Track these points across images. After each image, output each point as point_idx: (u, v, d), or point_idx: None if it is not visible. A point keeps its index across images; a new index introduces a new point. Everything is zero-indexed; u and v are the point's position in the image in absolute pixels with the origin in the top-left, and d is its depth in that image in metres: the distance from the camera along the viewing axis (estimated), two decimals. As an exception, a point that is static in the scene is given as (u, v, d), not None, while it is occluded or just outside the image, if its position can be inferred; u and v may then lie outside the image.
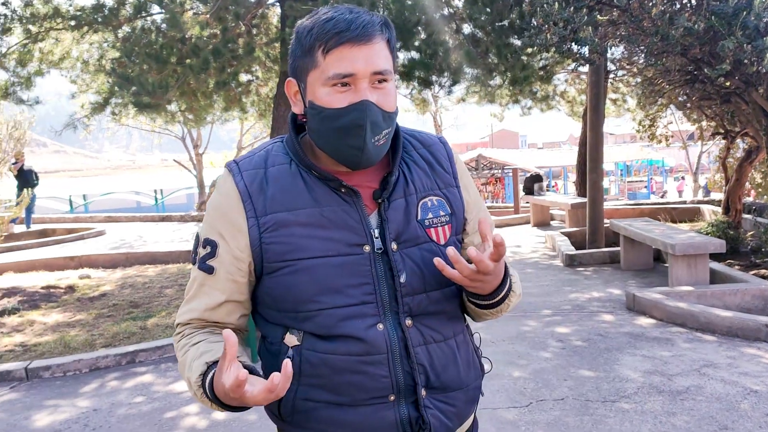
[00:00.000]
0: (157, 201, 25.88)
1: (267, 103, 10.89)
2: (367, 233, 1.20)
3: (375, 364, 1.19)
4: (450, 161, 1.33)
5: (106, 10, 8.17)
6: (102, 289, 7.85)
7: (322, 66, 1.15)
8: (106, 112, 10.17)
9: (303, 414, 1.23)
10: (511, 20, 6.87)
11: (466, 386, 1.30)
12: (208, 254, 1.23)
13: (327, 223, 1.19)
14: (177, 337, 1.28)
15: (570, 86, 14.09)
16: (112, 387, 4.56)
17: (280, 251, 1.19)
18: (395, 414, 1.21)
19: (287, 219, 1.19)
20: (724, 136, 9.38)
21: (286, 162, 1.24)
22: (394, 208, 1.23)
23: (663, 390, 3.99)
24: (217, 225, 1.23)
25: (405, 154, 1.29)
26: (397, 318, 1.21)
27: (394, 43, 1.22)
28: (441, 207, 1.28)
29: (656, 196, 30.64)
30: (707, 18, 5.08)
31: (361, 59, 1.13)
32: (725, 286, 5.80)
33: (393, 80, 1.21)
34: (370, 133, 1.15)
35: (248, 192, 1.21)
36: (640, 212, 11.99)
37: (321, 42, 1.14)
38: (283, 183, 1.21)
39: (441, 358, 1.25)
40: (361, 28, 1.13)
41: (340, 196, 1.21)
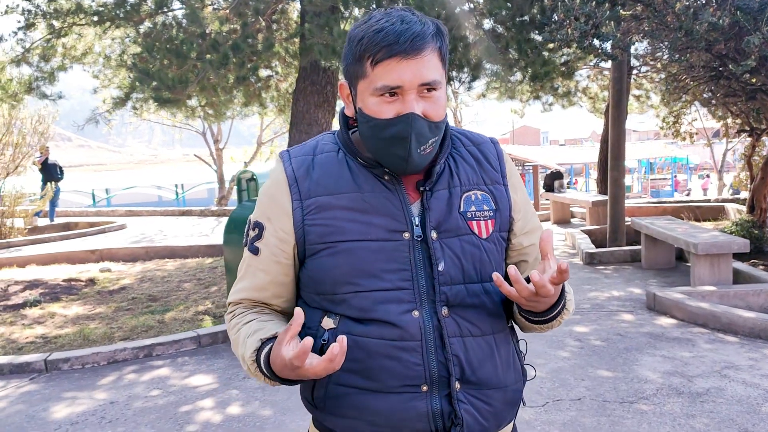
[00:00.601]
0: (177, 195, 26.11)
1: (286, 98, 10.90)
2: (408, 220, 1.22)
3: (408, 350, 1.18)
4: (499, 160, 1.34)
5: (127, 6, 8.22)
6: (121, 282, 7.93)
7: (370, 76, 1.17)
8: (127, 106, 10.23)
9: (335, 400, 1.23)
10: (532, 15, 6.79)
11: (505, 386, 1.27)
12: (256, 236, 1.29)
13: (368, 208, 1.22)
14: (229, 316, 1.33)
15: (592, 82, 13.91)
16: (129, 380, 4.60)
17: (322, 233, 1.22)
18: (427, 405, 1.20)
19: (330, 202, 1.22)
20: (750, 133, 9.20)
21: (334, 150, 1.28)
22: (437, 198, 1.24)
23: (682, 391, 3.92)
24: (265, 209, 1.29)
25: (453, 150, 1.31)
26: (434, 306, 1.20)
27: (445, 50, 1.22)
28: (485, 201, 1.28)
29: (680, 194, 30.21)
30: (732, 13, 4.97)
31: (409, 72, 1.15)
32: (749, 287, 5.69)
33: (443, 88, 1.22)
34: (415, 143, 1.18)
35: (295, 177, 1.26)
36: (663, 210, 11.81)
37: (370, 54, 1.16)
38: (328, 168, 1.25)
39: (477, 352, 1.23)
40: (410, 42, 1.14)
41: (383, 183, 1.24)
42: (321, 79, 7.91)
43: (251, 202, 5.53)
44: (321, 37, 6.68)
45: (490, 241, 1.28)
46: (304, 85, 7.99)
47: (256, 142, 23.78)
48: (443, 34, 1.22)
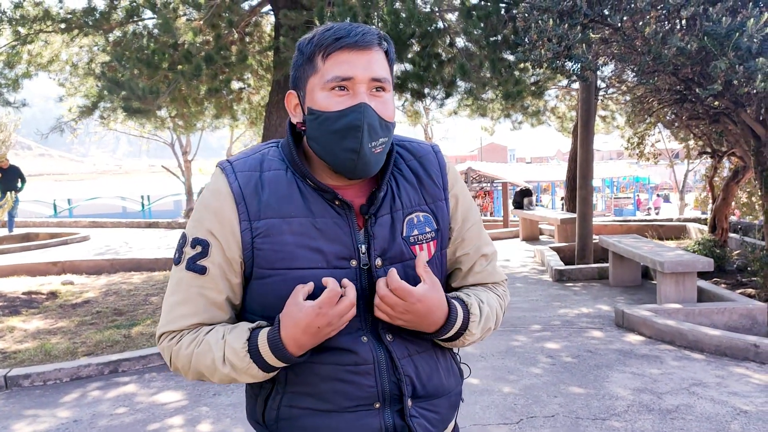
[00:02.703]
0: (143, 207, 25.66)
1: (258, 111, 10.84)
2: (356, 248, 1.21)
3: (362, 374, 1.20)
4: (441, 171, 1.32)
5: (97, 14, 8.11)
6: (85, 295, 7.73)
7: (321, 71, 1.16)
8: (94, 116, 10.08)
9: (287, 421, 1.23)
10: (505, 35, 6.90)
11: (449, 392, 1.33)
12: (199, 254, 1.20)
13: (318, 235, 1.19)
14: (171, 341, 1.22)
15: (560, 102, 14.18)
16: (94, 397, 4.46)
17: (272, 259, 1.18)
18: (380, 421, 1.22)
19: (280, 226, 1.18)
20: (712, 155, 9.46)
21: (282, 168, 1.22)
22: (380, 225, 1.23)
23: (653, 408, 3.98)
24: (207, 224, 1.20)
25: (395, 168, 1.28)
26: (378, 333, 1.22)
27: (392, 57, 1.24)
28: (427, 223, 1.28)
29: (641, 212, 30.88)
30: (700, 38, 5.11)
31: (360, 64, 1.15)
32: (713, 305, 5.82)
33: (391, 92, 1.22)
34: (367, 137, 1.15)
35: (242, 194, 1.19)
36: (628, 229, 12.05)
37: (321, 48, 1.16)
38: (277, 189, 1.20)
39: (425, 367, 1.27)
40: (361, 35, 1.16)
41: (334, 209, 1.21)
42: (294, 92, 7.89)
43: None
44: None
45: (432, 262, 1.28)
46: (277, 99, 7.95)
47: (225, 154, 23.56)
48: (389, 41, 1.24)
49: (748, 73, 4.94)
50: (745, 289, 6.82)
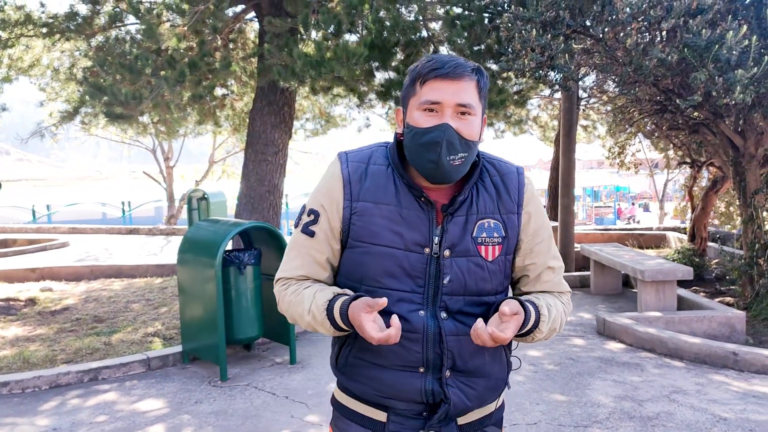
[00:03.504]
0: (124, 213, 25.40)
1: (242, 117, 10.79)
2: (431, 239, 1.46)
3: (412, 340, 1.45)
4: (519, 190, 1.55)
5: (79, 19, 8.02)
6: (64, 302, 7.63)
7: (418, 94, 1.44)
8: (75, 121, 9.97)
9: (352, 368, 1.53)
10: (489, 45, 6.94)
11: (489, 376, 1.53)
12: (312, 221, 1.52)
13: (402, 222, 1.46)
14: (282, 287, 1.56)
15: (543, 111, 14.30)
16: (74, 405, 4.40)
17: (362, 233, 1.47)
18: (422, 383, 1.47)
19: (372, 209, 1.47)
20: (691, 165, 9.60)
21: (385, 165, 1.51)
22: (455, 223, 1.48)
23: (634, 416, 4.01)
24: (321, 199, 1.52)
25: (479, 179, 1.53)
26: (435, 311, 1.47)
27: (483, 86, 1.47)
28: (496, 229, 1.51)
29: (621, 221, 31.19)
30: (680, 50, 5.19)
31: (449, 92, 1.41)
32: (692, 313, 5.89)
33: (478, 116, 1.46)
34: (446, 151, 1.40)
35: (350, 179, 1.50)
36: (609, 237, 12.16)
37: (420, 76, 1.44)
38: (377, 180, 1.49)
39: (469, 348, 1.48)
40: (453, 68, 1.41)
41: (419, 204, 1.47)
42: (278, 99, 7.87)
43: (206, 222, 5.43)
44: (280, 57, 6.66)
45: (495, 263, 1.51)
46: (261, 105, 7.93)
47: (208, 160, 23.42)
48: (482, 74, 1.47)
49: (727, 84, 5.03)
50: (724, 297, 6.92)
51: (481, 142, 1.52)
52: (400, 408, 1.51)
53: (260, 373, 5.02)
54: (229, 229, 4.94)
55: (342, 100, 10.89)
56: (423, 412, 1.50)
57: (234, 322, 5.10)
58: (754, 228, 6.26)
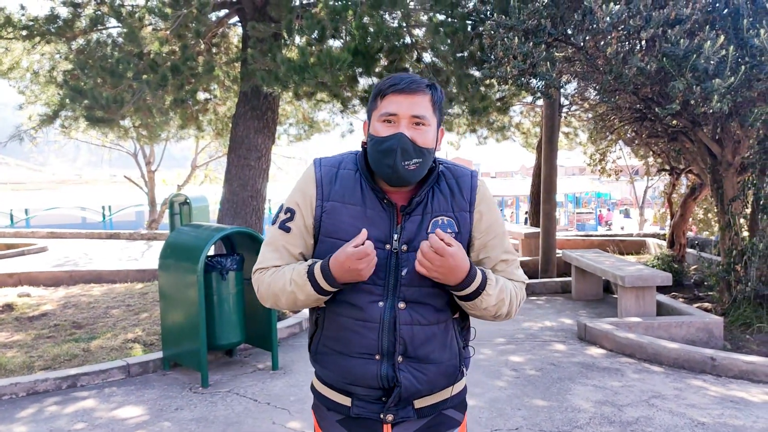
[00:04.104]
0: (104, 218, 25.13)
1: (224, 122, 10.74)
2: (391, 236, 1.63)
3: (369, 329, 1.61)
4: (471, 191, 1.71)
5: (60, 21, 7.94)
6: (42, 308, 7.53)
7: (379, 107, 1.63)
8: (55, 124, 9.85)
9: (322, 356, 1.71)
10: (472, 52, 6.99)
11: (439, 362, 1.67)
12: (288, 218, 1.69)
13: (366, 220, 1.63)
14: (260, 274, 1.71)
15: (525, 118, 14.40)
16: (51, 412, 4.35)
17: (330, 229, 1.64)
18: (378, 368, 1.62)
19: (340, 208, 1.65)
20: (670, 172, 9.73)
21: (353, 170, 1.70)
22: (412, 221, 1.64)
23: (614, 420, 4.05)
24: (297, 198, 1.70)
25: (436, 183, 1.69)
26: (394, 301, 1.62)
27: (438, 99, 1.65)
28: (449, 225, 1.66)
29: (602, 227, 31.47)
30: (659, 59, 5.27)
31: (405, 105, 1.59)
32: (671, 318, 5.96)
33: (432, 126, 1.63)
34: (400, 157, 1.57)
35: (322, 181, 1.68)
36: (590, 243, 12.27)
37: (380, 91, 1.63)
38: (346, 183, 1.67)
39: (420, 337, 1.63)
40: (408, 84, 1.60)
41: (382, 205, 1.65)
42: (262, 104, 7.85)
43: (188, 227, 5.40)
44: (264, 62, 6.64)
45: None
46: (245, 110, 7.90)
47: (190, 165, 23.26)
48: (437, 89, 1.65)
49: (704, 93, 5.11)
50: (702, 303, 7.00)
51: (438, 150, 1.69)
52: (361, 393, 1.67)
53: (242, 380, 4.99)
54: (211, 234, 4.91)
55: (325, 105, 10.88)
56: (382, 397, 1.66)
57: (216, 327, 5.07)
58: (732, 235, 6.36)
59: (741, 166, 6.42)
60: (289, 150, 23.26)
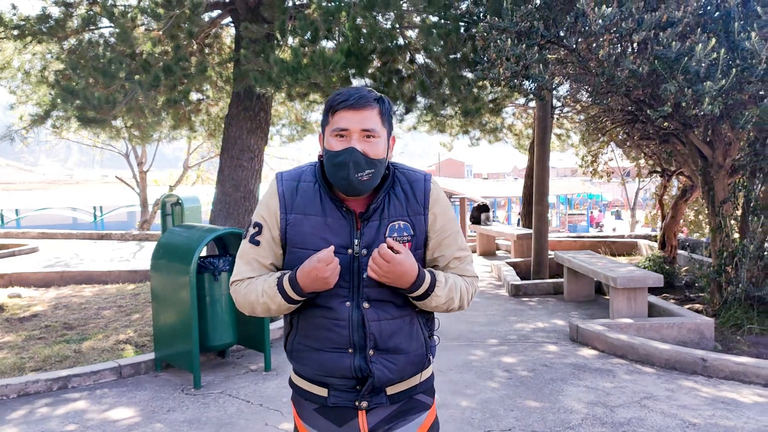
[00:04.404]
0: (96, 218, 25.00)
1: (217, 122, 10.72)
2: (352, 241, 1.74)
3: (340, 327, 1.74)
4: (425, 195, 1.81)
5: (51, 21, 7.90)
6: (33, 309, 7.49)
7: (331, 122, 1.73)
8: (46, 124, 9.80)
9: (297, 353, 1.82)
10: (464, 53, 7.01)
11: (407, 352, 1.79)
12: (256, 233, 1.80)
13: (327, 229, 1.74)
14: (236, 286, 1.82)
15: (517, 120, 14.44)
16: (42, 414, 4.32)
17: (295, 240, 1.76)
18: (351, 361, 1.75)
19: (302, 220, 1.75)
20: (661, 174, 9.78)
21: (312, 182, 1.80)
22: (370, 227, 1.75)
23: (606, 421, 4.06)
24: (263, 213, 1.80)
25: (391, 189, 1.80)
26: (360, 301, 1.74)
27: (386, 111, 1.76)
28: (405, 229, 1.77)
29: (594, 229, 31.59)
30: (651, 62, 5.30)
31: (355, 120, 1.69)
32: (663, 320, 5.99)
33: (383, 138, 1.74)
34: (353, 169, 1.68)
35: (284, 195, 1.78)
36: (582, 245, 12.31)
37: (332, 107, 1.73)
38: (306, 195, 1.78)
39: (388, 330, 1.75)
40: (357, 99, 1.70)
41: (342, 213, 1.75)
42: (254, 105, 7.84)
43: (181, 228, 5.38)
44: (257, 63, 6.64)
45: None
46: (237, 111, 7.89)
47: (182, 165, 23.18)
48: (384, 102, 1.75)
49: (696, 96, 5.15)
50: (693, 304, 7.04)
51: (390, 158, 1.80)
52: (336, 384, 1.79)
53: (234, 381, 4.98)
54: (203, 235, 4.90)
55: (318, 106, 10.88)
56: (356, 386, 1.78)
57: (208, 328, 5.06)
58: (722, 236, 6.39)
59: (732, 168, 6.46)
60: (282, 151, 23.24)
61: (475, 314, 7.22)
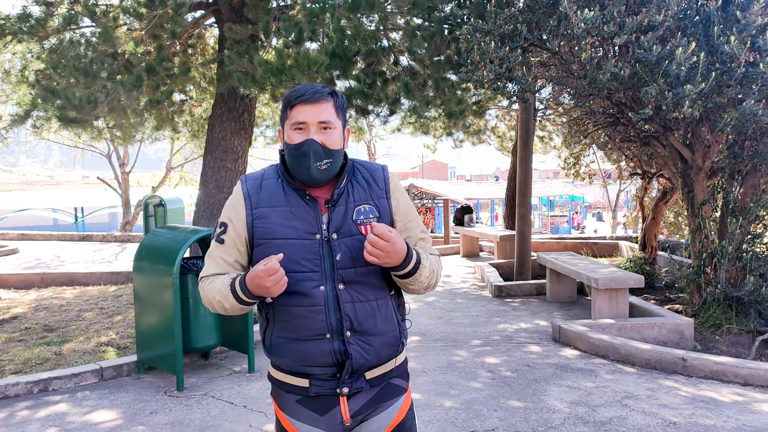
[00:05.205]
0: (77, 219, 24.74)
1: (200, 123, 10.66)
2: (319, 226, 1.81)
3: (316, 312, 1.78)
4: (385, 182, 1.92)
5: (32, 20, 7.82)
6: (13, 311, 7.40)
7: (289, 117, 1.83)
8: (26, 124, 9.68)
9: (276, 346, 1.86)
10: (448, 56, 7.04)
11: (383, 333, 1.85)
12: (222, 231, 1.88)
13: (293, 217, 1.82)
14: (202, 282, 1.89)
15: (500, 122, 14.53)
16: (23, 417, 4.27)
17: (263, 232, 1.82)
18: (330, 346, 1.80)
19: (269, 212, 1.83)
20: (642, 176, 9.89)
21: (275, 178, 1.89)
22: (337, 211, 1.83)
23: (588, 420, 4.10)
24: (229, 213, 1.88)
25: (352, 177, 1.90)
26: (334, 283, 1.80)
27: (340, 104, 1.86)
28: (371, 212, 1.86)
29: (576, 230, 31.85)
30: (632, 65, 5.37)
31: (311, 113, 1.80)
32: (643, 320, 6.05)
33: (338, 129, 1.84)
34: (313, 159, 1.79)
35: (248, 193, 1.87)
36: (564, 246, 12.41)
37: (289, 102, 1.83)
38: (270, 190, 1.87)
39: (362, 312, 1.81)
40: (312, 94, 1.80)
41: (305, 201, 1.83)
42: (238, 106, 7.81)
43: (164, 230, 5.35)
44: (240, 64, 6.62)
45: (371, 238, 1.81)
46: (221, 112, 7.86)
47: (165, 166, 23.00)
48: (338, 95, 1.86)
49: (676, 99, 5.22)
50: (673, 304, 7.13)
51: (346, 149, 1.91)
52: (317, 373, 1.83)
53: (218, 382, 4.96)
54: (187, 236, 4.88)
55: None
56: (336, 373, 1.82)
57: (191, 330, 5.03)
58: (702, 238, 6.48)
59: (711, 170, 6.56)
60: (266, 152, 23.15)
61: (458, 315, 7.25)
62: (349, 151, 1.99)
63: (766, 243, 6.40)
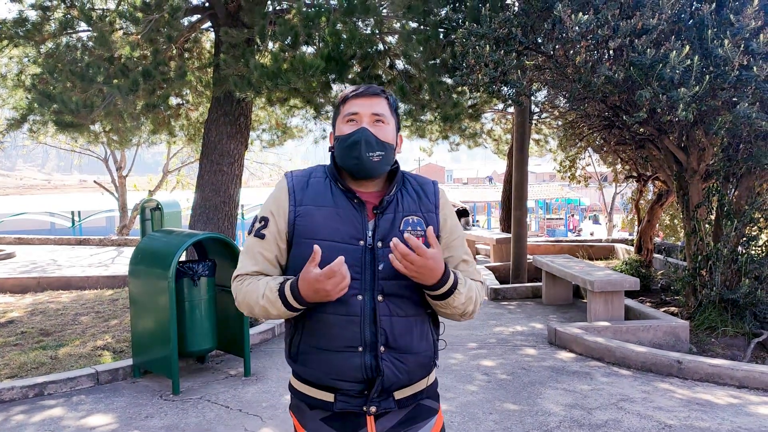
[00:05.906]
0: (74, 223, 24.69)
1: (197, 127, 10.65)
2: (364, 232, 1.72)
3: (350, 322, 1.68)
4: (435, 196, 1.87)
5: (28, 25, 7.83)
6: (9, 315, 7.39)
7: (342, 111, 1.80)
8: (23, 129, 9.68)
9: (303, 355, 1.75)
10: (444, 59, 7.05)
11: (417, 352, 1.75)
12: (263, 226, 1.79)
13: (339, 219, 1.73)
14: (239, 282, 1.79)
15: (496, 125, 14.54)
16: (18, 421, 4.27)
17: (305, 231, 1.73)
18: (361, 360, 1.69)
19: (313, 211, 1.75)
20: (637, 179, 9.92)
21: (323, 177, 1.82)
22: (385, 219, 1.75)
23: (583, 423, 4.11)
24: (271, 207, 1.80)
25: (402, 186, 1.84)
26: (373, 294, 1.70)
27: (393, 103, 1.84)
28: (419, 224, 1.78)
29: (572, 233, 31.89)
30: (626, 68, 5.39)
31: (365, 105, 1.77)
32: (639, 323, 6.07)
33: (391, 125, 1.80)
34: (365, 148, 1.73)
35: (294, 189, 1.79)
36: (560, 249, 12.43)
37: (343, 98, 1.81)
38: (317, 188, 1.79)
39: (399, 328, 1.71)
40: (366, 89, 1.79)
41: (352, 204, 1.75)
42: (234, 110, 7.82)
43: (160, 233, 5.36)
44: (237, 68, 6.63)
45: None
46: (217, 116, 7.87)
47: (162, 170, 22.99)
48: (392, 96, 1.84)
49: (670, 102, 5.24)
50: (669, 307, 7.15)
51: (398, 153, 1.87)
52: (345, 388, 1.71)
53: (214, 386, 4.96)
54: (183, 240, 4.88)
55: (299, 111, 10.87)
56: (364, 390, 1.71)
57: (187, 334, 5.03)
58: (697, 240, 6.50)
59: (706, 173, 6.59)
60: (262, 156, 23.16)
61: (455, 318, 7.25)
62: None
63: (761, 245, 6.42)
